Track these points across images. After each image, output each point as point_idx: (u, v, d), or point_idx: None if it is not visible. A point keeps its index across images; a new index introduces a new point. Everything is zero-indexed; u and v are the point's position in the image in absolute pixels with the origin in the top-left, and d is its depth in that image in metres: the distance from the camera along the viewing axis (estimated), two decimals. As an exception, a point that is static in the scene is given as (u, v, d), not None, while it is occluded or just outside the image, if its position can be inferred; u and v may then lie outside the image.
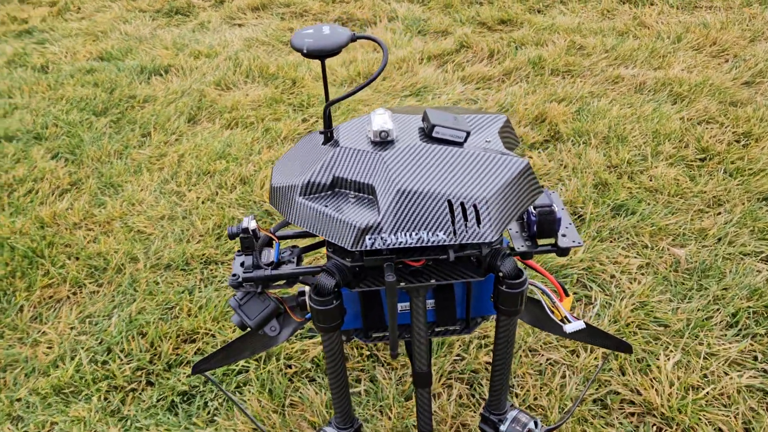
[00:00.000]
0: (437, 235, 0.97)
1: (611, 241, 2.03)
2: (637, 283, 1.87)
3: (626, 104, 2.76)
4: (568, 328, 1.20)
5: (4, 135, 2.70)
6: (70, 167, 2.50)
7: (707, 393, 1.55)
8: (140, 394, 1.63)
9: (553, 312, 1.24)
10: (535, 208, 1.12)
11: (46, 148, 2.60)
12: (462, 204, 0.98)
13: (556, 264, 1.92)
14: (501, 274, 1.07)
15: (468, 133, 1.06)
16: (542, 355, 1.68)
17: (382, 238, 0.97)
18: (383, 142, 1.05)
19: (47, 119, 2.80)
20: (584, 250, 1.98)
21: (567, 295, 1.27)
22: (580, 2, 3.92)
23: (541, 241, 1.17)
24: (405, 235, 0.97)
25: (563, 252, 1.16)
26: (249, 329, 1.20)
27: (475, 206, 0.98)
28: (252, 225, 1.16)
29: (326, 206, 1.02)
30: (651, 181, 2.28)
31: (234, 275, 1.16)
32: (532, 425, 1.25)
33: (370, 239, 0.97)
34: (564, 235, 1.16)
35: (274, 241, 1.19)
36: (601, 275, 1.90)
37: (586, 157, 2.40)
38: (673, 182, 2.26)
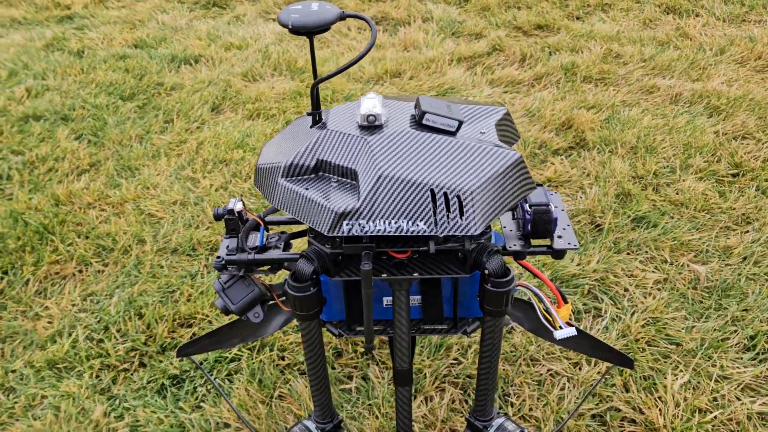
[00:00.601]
0: (417, 225, 0.93)
1: (628, 253, 1.94)
2: (652, 298, 1.78)
3: (659, 115, 2.66)
4: (558, 334, 1.13)
5: (33, 114, 2.75)
6: (91, 149, 2.53)
7: (715, 417, 1.46)
8: (132, 374, 1.62)
9: (545, 317, 1.18)
10: (530, 206, 1.07)
11: (71, 129, 2.64)
12: (445, 194, 0.93)
13: (568, 273, 1.85)
14: (486, 271, 1.01)
15: (460, 123, 1.01)
16: (543, 365, 1.61)
17: (359, 225, 0.93)
18: (371, 126, 1.01)
19: (75, 101, 2.84)
20: (599, 260, 1.90)
21: (566, 302, 1.21)
22: (621, 11, 3.81)
23: (537, 242, 1.12)
24: (384, 222, 0.93)
25: (558, 254, 1.10)
26: (238, 316, 1.18)
27: (458, 197, 0.93)
28: (238, 207, 1.14)
29: (307, 189, 0.99)
30: (677, 194, 2.18)
31: (218, 257, 1.14)
32: (517, 435, 1.19)
33: (347, 225, 0.93)
34: (560, 237, 1.11)
35: (261, 226, 1.16)
36: (614, 287, 1.82)
37: (610, 166, 2.31)
38: (700, 197, 2.15)
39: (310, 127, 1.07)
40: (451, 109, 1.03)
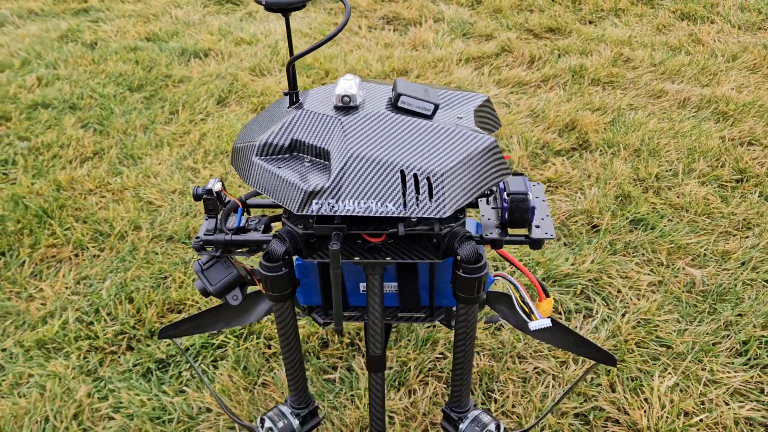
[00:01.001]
0: (386, 206, 0.93)
1: (624, 255, 1.92)
2: (645, 300, 1.75)
3: (665, 119, 2.63)
4: (533, 325, 1.12)
5: (42, 102, 2.79)
6: (96, 137, 2.56)
7: (701, 420, 1.43)
8: (119, 357, 1.64)
9: (522, 308, 1.17)
10: (508, 194, 1.06)
11: (78, 117, 2.68)
12: (415, 175, 0.92)
13: (561, 272, 1.83)
14: (459, 257, 1.00)
15: (436, 106, 1.01)
16: (530, 363, 1.59)
17: (329, 204, 0.93)
18: (346, 107, 1.01)
19: (84, 90, 2.88)
20: (593, 260, 1.88)
21: (547, 295, 1.20)
22: (635, 16, 3.78)
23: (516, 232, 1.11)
24: (353, 202, 0.93)
25: (536, 244, 1.09)
26: (216, 297, 1.18)
27: (428, 179, 0.92)
28: (216, 187, 1.14)
29: (279, 168, 0.99)
30: (678, 198, 2.15)
31: (197, 238, 1.14)
32: (492, 427, 1.18)
33: (317, 204, 0.93)
34: (538, 227, 1.09)
35: (239, 207, 1.17)
36: (607, 288, 1.80)
37: (611, 168, 2.29)
38: (701, 201, 2.12)
39: (288, 107, 1.07)
40: (428, 93, 1.03)
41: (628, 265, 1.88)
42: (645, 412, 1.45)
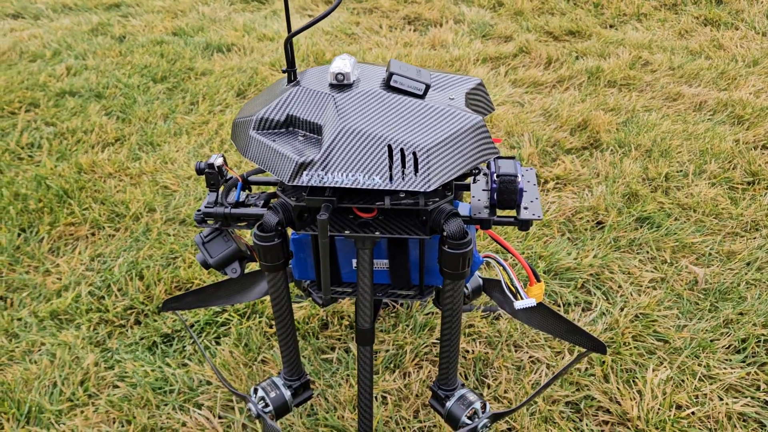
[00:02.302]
0: (373, 179, 0.96)
1: (628, 252, 1.93)
2: (645, 296, 1.76)
3: (679, 121, 2.62)
4: (518, 304, 1.15)
5: (69, 90, 2.89)
6: (118, 124, 2.64)
7: (692, 413, 1.43)
8: (127, 330, 1.70)
9: (510, 289, 1.20)
10: (498, 176, 1.09)
11: (102, 106, 2.77)
12: (402, 150, 0.96)
13: (562, 266, 1.85)
14: (445, 233, 1.04)
15: (427, 86, 1.04)
16: (526, 351, 1.61)
17: (318, 175, 0.97)
18: (340, 85, 1.05)
19: (110, 80, 2.98)
20: (596, 255, 1.89)
21: (538, 280, 1.22)
22: (658, 21, 3.77)
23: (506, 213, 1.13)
24: (341, 174, 0.97)
25: (523, 225, 1.12)
26: (223, 273, 1.23)
27: (414, 153, 0.96)
28: (218, 162, 1.19)
29: (274, 141, 1.03)
30: (687, 198, 2.15)
31: (198, 210, 1.20)
32: (478, 406, 1.20)
33: (307, 175, 0.97)
34: (526, 208, 1.12)
35: (239, 182, 1.22)
36: (607, 283, 1.81)
37: (621, 167, 2.29)
38: (710, 202, 2.12)
39: (286, 85, 1.11)
40: (421, 73, 1.07)
41: (631, 262, 1.88)
42: (636, 402, 1.46)
